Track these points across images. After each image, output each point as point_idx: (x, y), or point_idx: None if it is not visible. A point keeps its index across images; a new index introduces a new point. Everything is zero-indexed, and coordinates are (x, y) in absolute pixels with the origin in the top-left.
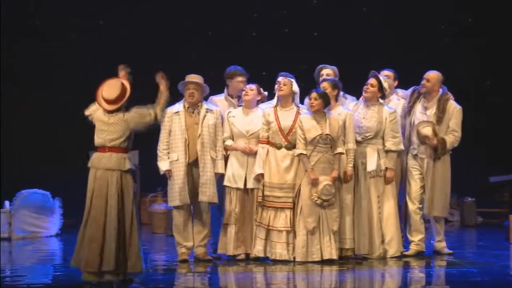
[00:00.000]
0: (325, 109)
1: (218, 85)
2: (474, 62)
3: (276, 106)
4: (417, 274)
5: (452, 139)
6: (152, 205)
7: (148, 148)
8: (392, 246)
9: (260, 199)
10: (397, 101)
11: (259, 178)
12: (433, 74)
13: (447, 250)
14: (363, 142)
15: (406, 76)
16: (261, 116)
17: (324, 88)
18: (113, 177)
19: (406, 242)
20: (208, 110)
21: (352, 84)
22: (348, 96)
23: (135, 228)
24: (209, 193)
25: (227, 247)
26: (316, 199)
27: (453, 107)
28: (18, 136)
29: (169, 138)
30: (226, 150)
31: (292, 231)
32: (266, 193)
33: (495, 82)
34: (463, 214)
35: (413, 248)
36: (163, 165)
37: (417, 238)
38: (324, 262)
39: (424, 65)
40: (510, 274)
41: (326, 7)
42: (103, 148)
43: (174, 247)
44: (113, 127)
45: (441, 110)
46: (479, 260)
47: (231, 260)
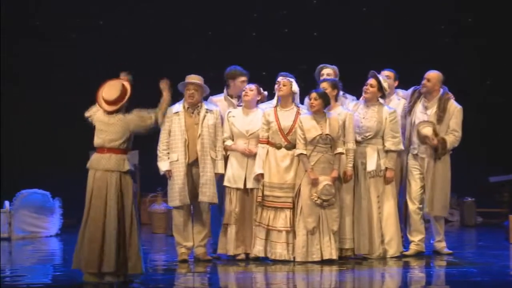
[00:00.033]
0: (325, 109)
1: (218, 85)
2: (474, 62)
3: (276, 106)
4: (417, 274)
5: (453, 139)
6: (152, 205)
7: (148, 148)
8: (392, 246)
9: (260, 199)
10: (398, 101)
11: (259, 178)
12: (434, 74)
13: (447, 250)
14: (363, 142)
15: (406, 76)
16: (261, 116)
17: (324, 88)
18: (112, 178)
19: (406, 242)
20: (208, 111)
21: (352, 84)
22: (348, 96)
23: (135, 229)
24: (209, 194)
25: (227, 247)
26: (316, 199)
27: (454, 107)
28: (18, 136)
29: (169, 139)
30: (226, 151)
31: (292, 231)
32: (266, 193)
33: (495, 82)
34: (463, 214)
35: (413, 248)
36: (163, 166)
37: (417, 238)
38: (324, 262)
39: (424, 65)
40: (510, 274)
41: (326, 7)
42: (102, 149)
43: (174, 247)
44: (113, 128)
45: (442, 110)
46: (479, 260)
47: (231, 260)
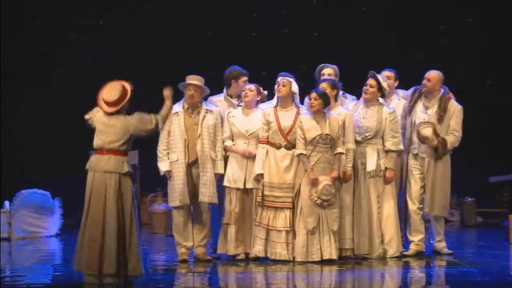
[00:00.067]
0: (325, 109)
1: (218, 85)
2: (474, 62)
3: (276, 106)
4: (417, 274)
5: (453, 139)
6: (152, 205)
7: (148, 148)
8: (392, 246)
9: (260, 199)
10: (398, 101)
11: (259, 178)
12: (434, 74)
13: (447, 250)
14: (363, 142)
15: (406, 76)
16: (261, 116)
17: (323, 89)
18: (111, 180)
19: (406, 242)
20: (208, 111)
21: (352, 84)
22: (348, 96)
23: (135, 231)
24: (209, 194)
25: (228, 247)
26: (316, 199)
27: (454, 107)
28: (18, 136)
29: (169, 139)
30: (226, 151)
31: (292, 231)
32: (266, 193)
33: (495, 82)
34: (463, 214)
35: (413, 248)
36: (163, 166)
37: (417, 238)
38: (324, 262)
39: (424, 65)
40: (510, 274)
41: (326, 7)
42: (102, 150)
43: (174, 247)
44: (113, 129)
45: (442, 109)
46: (479, 260)
47: (231, 260)
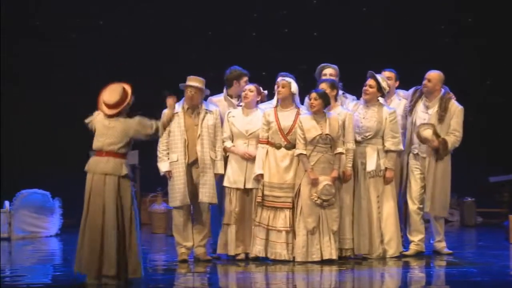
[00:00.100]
0: (325, 109)
1: (218, 85)
2: (474, 62)
3: (276, 107)
4: (417, 274)
5: (453, 140)
6: (152, 205)
7: (148, 148)
8: (392, 246)
9: (260, 199)
10: (398, 102)
11: (259, 179)
12: (434, 74)
13: (447, 250)
14: (363, 142)
15: (407, 76)
16: (261, 117)
17: (323, 89)
18: (110, 182)
19: (406, 242)
20: (208, 111)
21: (352, 84)
22: (348, 96)
23: (134, 234)
24: (209, 194)
25: (228, 247)
26: (316, 199)
27: (455, 107)
28: (18, 136)
29: (169, 139)
30: (226, 151)
31: (292, 231)
32: (266, 193)
33: (495, 82)
34: (463, 214)
35: (413, 248)
36: (163, 166)
37: (417, 238)
38: (324, 262)
39: (424, 65)
40: (510, 274)
41: (326, 7)
42: (101, 152)
43: (174, 247)
44: (112, 132)
45: (443, 109)
46: (479, 260)
47: (231, 260)
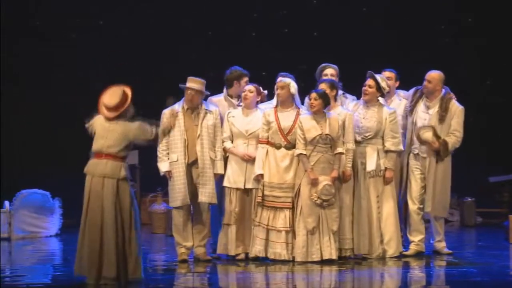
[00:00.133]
0: (325, 109)
1: (218, 85)
2: (474, 62)
3: (276, 107)
4: (417, 274)
5: (454, 140)
6: (152, 205)
7: (148, 148)
8: (391, 246)
9: (260, 199)
10: (399, 102)
11: (259, 179)
12: (435, 75)
13: (447, 250)
14: (363, 142)
15: (407, 76)
16: (261, 117)
17: (322, 89)
18: (109, 184)
19: (406, 242)
20: (208, 111)
21: (352, 84)
22: (348, 96)
23: (134, 236)
24: (209, 194)
25: (228, 247)
26: (316, 199)
27: (456, 107)
28: (18, 136)
29: (168, 139)
30: (225, 151)
31: (292, 231)
32: (266, 193)
33: (495, 82)
34: (463, 214)
35: (413, 248)
36: (163, 166)
37: (417, 238)
38: (324, 262)
39: (424, 65)
40: (510, 274)
41: (326, 7)
42: (100, 155)
43: (174, 247)
44: (112, 134)
45: (444, 109)
46: (479, 260)
47: (231, 260)
